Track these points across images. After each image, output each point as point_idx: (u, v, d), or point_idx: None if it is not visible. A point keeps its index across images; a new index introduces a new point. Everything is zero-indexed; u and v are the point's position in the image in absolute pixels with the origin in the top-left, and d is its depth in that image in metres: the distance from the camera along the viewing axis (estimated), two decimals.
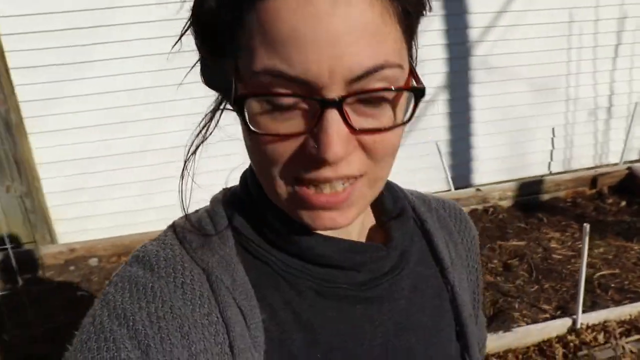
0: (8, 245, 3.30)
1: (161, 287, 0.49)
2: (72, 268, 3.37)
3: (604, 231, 3.58)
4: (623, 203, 3.89)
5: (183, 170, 0.55)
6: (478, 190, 3.90)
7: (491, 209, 3.84)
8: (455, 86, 4.07)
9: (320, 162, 0.44)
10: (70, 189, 3.58)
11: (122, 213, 3.65)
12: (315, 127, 0.43)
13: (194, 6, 0.48)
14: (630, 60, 4.34)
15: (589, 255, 3.30)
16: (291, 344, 0.52)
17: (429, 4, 0.48)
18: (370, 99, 0.44)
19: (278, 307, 0.53)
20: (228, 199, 0.59)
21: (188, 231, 0.55)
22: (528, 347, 2.67)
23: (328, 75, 0.41)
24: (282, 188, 0.48)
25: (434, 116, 4.05)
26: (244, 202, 0.58)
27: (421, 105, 0.47)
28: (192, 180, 0.54)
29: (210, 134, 0.53)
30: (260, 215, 0.55)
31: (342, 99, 0.42)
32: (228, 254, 0.53)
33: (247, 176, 0.59)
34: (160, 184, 3.59)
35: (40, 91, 3.35)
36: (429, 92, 3.80)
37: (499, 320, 2.79)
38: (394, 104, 0.46)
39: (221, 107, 0.53)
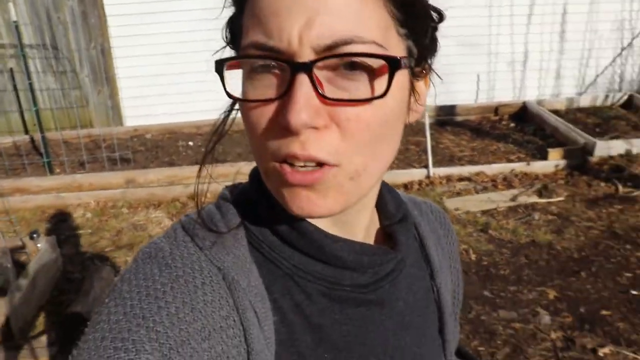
0: (98, 127, 5.34)
1: (180, 287, 0.48)
2: (135, 139, 5.37)
3: (485, 137, 5.18)
4: (512, 125, 5.45)
5: (200, 168, 0.55)
6: None
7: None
8: None
9: (286, 127, 0.43)
10: (136, 96, 5.58)
11: (169, 115, 5.61)
12: (286, 93, 0.43)
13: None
14: (540, 26, 5.86)
15: (461, 145, 4.93)
16: (299, 345, 0.53)
17: (423, 2, 0.48)
18: (346, 73, 0.44)
19: (288, 309, 0.53)
20: (236, 197, 0.58)
21: (199, 228, 0.53)
22: (397, 185, 4.34)
23: (298, 42, 0.42)
24: (265, 164, 0.48)
25: None
26: (253, 200, 0.56)
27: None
28: (210, 176, 0.55)
29: (227, 132, 0.54)
30: (272, 212, 0.54)
31: (312, 63, 0.43)
32: (243, 254, 0.53)
33: (257, 173, 0.56)
34: (198, 95, 5.52)
35: (124, 29, 5.36)
36: None
37: None
38: (371, 78, 0.45)
39: (235, 107, 0.54)
